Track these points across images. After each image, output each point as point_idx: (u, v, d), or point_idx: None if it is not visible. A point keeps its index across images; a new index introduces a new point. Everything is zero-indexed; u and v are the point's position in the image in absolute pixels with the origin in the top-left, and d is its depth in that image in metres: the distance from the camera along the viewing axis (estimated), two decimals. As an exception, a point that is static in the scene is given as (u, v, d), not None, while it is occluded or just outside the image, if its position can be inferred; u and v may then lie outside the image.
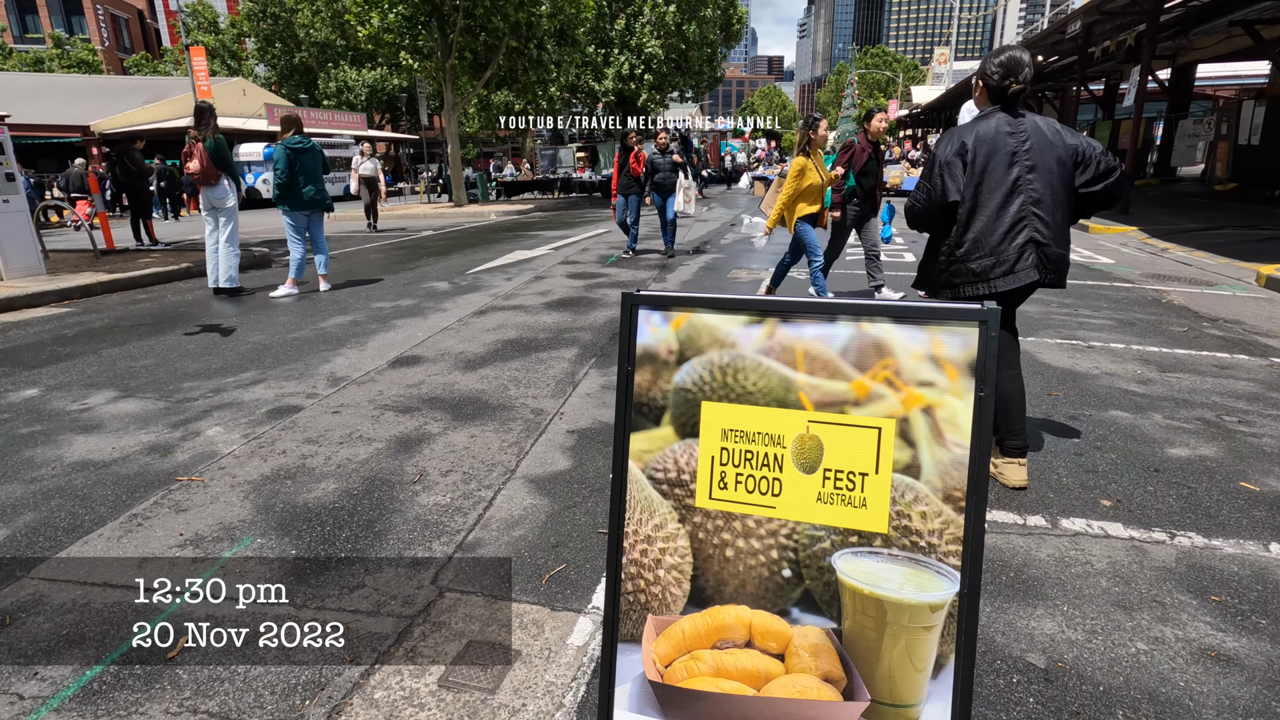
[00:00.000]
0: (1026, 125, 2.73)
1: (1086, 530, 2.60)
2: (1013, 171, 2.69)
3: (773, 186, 6.17)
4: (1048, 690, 1.83)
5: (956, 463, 1.28)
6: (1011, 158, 2.70)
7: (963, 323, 1.28)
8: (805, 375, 1.37)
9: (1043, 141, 2.71)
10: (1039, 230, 2.70)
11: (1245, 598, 2.21)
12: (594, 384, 4.40)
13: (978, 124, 2.76)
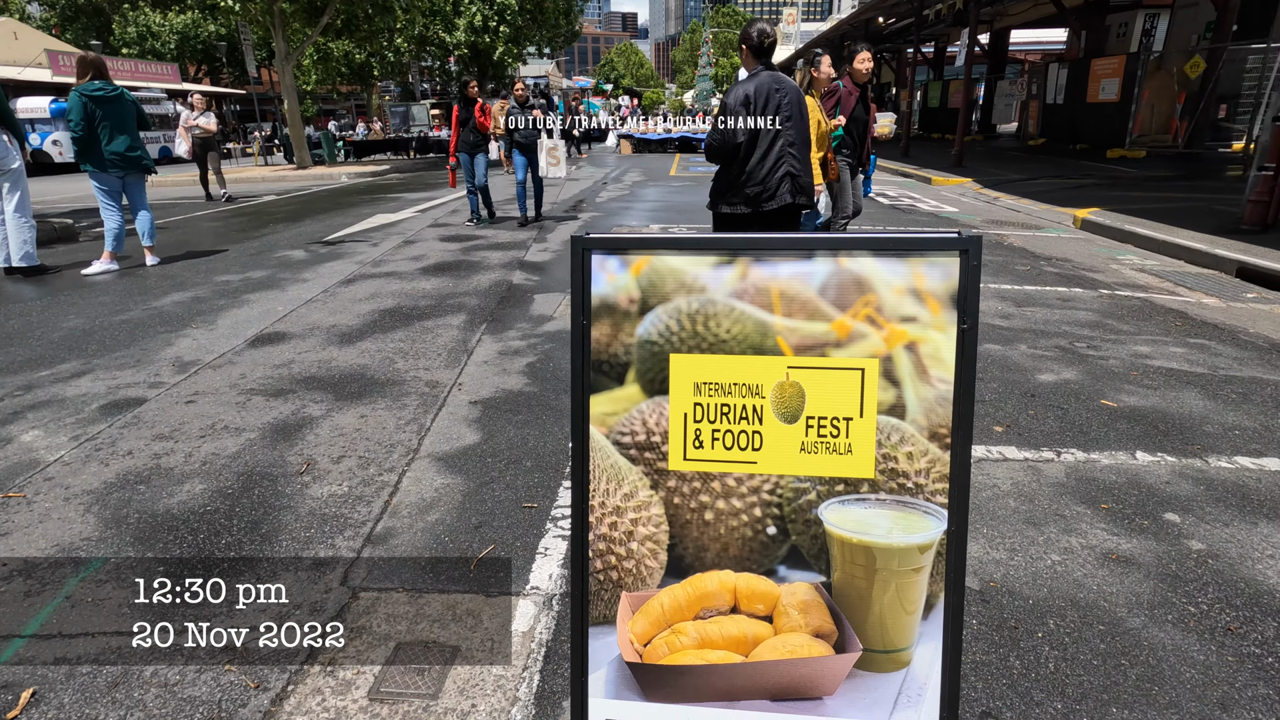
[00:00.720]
0: (786, 83, 3.43)
1: (987, 455, 2.77)
2: (777, 121, 3.39)
3: None
4: (986, 610, 1.92)
5: (941, 399, 1.24)
6: (777, 109, 3.39)
7: (943, 252, 1.22)
8: (783, 318, 1.26)
9: (796, 96, 3.46)
10: (793, 165, 3.48)
11: (1127, 502, 2.44)
12: (490, 351, 4.13)
13: (753, 79, 3.41)
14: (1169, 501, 2.44)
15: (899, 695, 1.29)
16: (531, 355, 4.04)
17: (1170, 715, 1.58)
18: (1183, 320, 4.59)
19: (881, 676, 1.29)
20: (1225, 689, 1.65)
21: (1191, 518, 2.34)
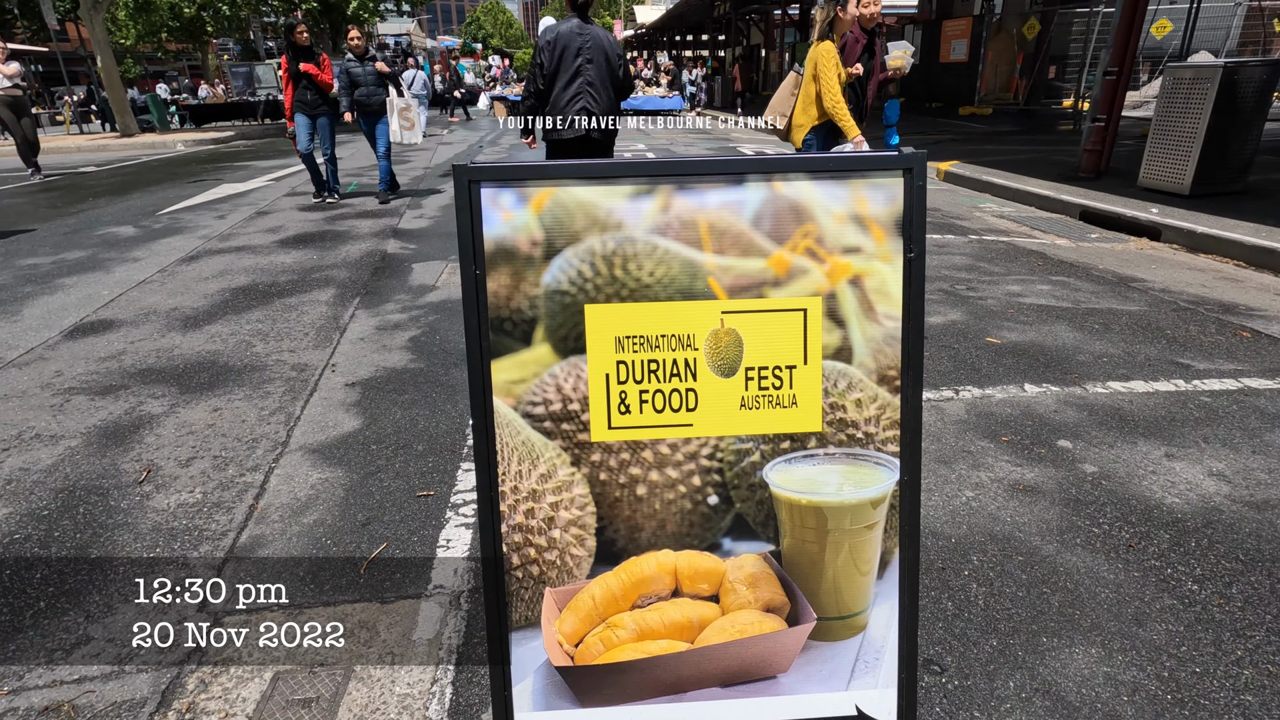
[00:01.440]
0: (590, 30, 4.04)
1: (892, 399, 2.79)
2: (577, 61, 4.02)
3: (785, 82, 4.39)
4: (912, 554, 1.89)
5: (889, 338, 1.12)
6: (578, 51, 4.00)
7: (886, 173, 1.09)
8: (713, 255, 1.09)
9: (598, 44, 4.03)
10: (591, 101, 4.09)
11: (1023, 433, 2.52)
12: (366, 326, 3.72)
13: (561, 25, 4.02)
14: (1059, 429, 2.54)
15: (856, 662, 1.19)
16: (414, 329, 3.68)
17: (1094, 638, 1.61)
18: (1043, 260, 4.91)
19: (837, 645, 1.19)
20: (1137, 604, 1.71)
21: (1081, 442, 2.45)
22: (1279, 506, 2.08)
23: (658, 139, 14.42)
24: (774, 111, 4.46)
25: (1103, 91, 7.53)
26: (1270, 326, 3.60)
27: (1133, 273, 4.62)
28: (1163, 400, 2.77)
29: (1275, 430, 2.53)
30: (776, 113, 4.44)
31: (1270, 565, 1.84)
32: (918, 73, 18.74)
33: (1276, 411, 2.67)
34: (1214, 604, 1.71)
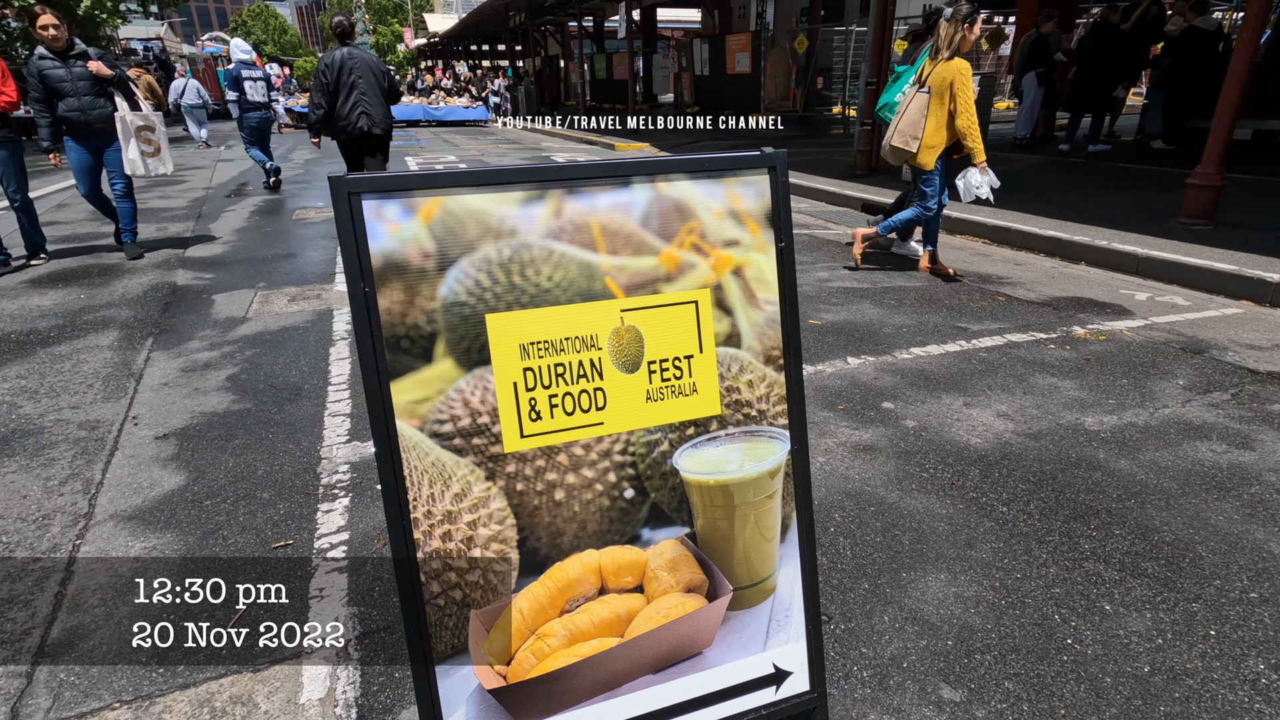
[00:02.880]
0: (357, 54, 5.30)
1: (741, 384, 3.00)
2: (351, 78, 5.26)
3: (914, 104, 4.12)
4: (785, 521, 2.06)
5: (770, 321, 1.22)
6: (350, 71, 5.25)
7: (754, 171, 1.19)
8: (609, 256, 1.12)
9: (364, 64, 5.32)
10: (366, 109, 5.33)
11: (854, 400, 2.84)
12: (168, 370, 3.25)
13: (335, 52, 5.26)
14: (882, 393, 2.90)
15: (770, 623, 1.29)
16: (230, 366, 3.28)
17: (941, 565, 1.87)
18: (840, 249, 5.53)
19: (753, 611, 1.27)
20: (966, 532, 2.01)
21: (900, 402, 2.82)
22: (1050, 434, 2.55)
23: (467, 150, 14.09)
24: (905, 135, 4.20)
25: (866, 99, 8.62)
26: (1016, 290, 4.37)
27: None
28: (953, 359, 3.26)
29: (1035, 374, 3.08)
30: (908, 135, 4.19)
31: (1053, 482, 2.25)
32: (708, 84, 20.15)
33: (1033, 359, 3.26)
34: (1020, 520, 2.06)
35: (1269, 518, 2.06)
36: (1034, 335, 3.56)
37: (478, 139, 16.99)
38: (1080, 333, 3.61)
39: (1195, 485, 2.23)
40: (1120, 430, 2.58)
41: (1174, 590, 1.77)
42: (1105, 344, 3.45)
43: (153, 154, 5.46)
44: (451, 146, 14.89)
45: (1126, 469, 2.32)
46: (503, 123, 22.87)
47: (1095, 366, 3.16)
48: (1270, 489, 2.20)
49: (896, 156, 4.34)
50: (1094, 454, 2.42)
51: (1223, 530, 2.00)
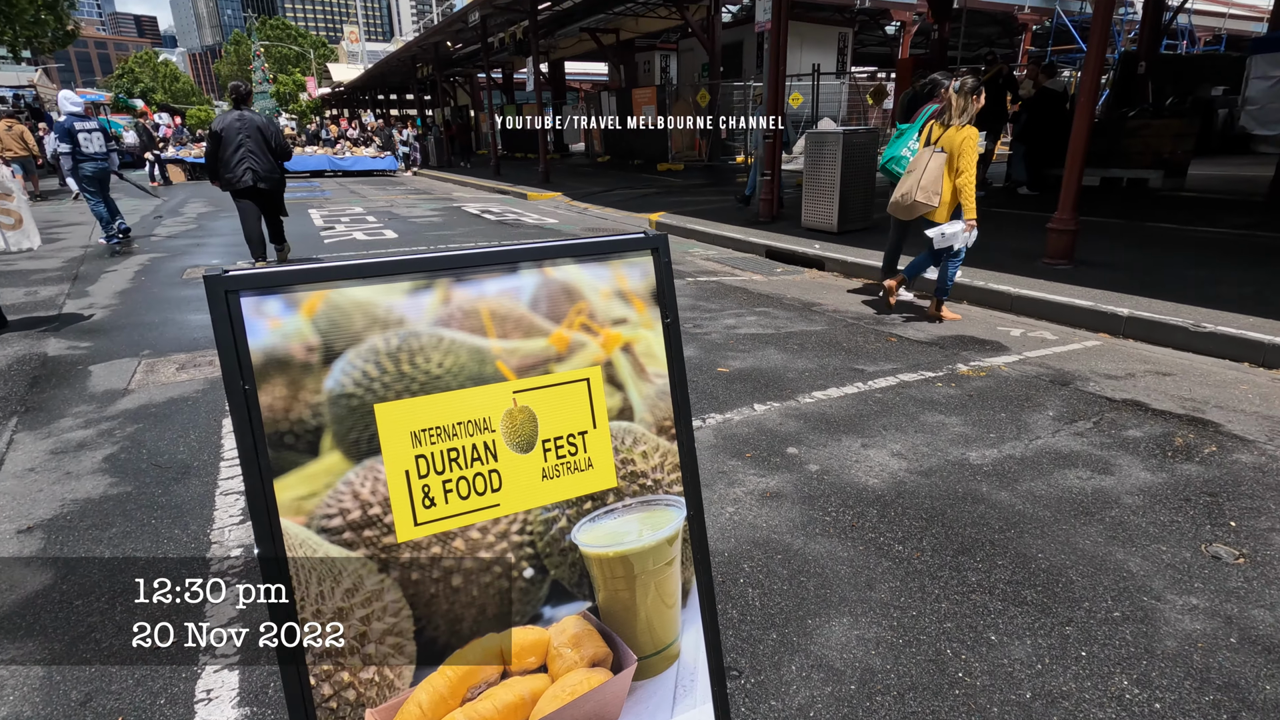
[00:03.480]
0: (247, 115, 6.09)
1: (653, 436, 3.05)
2: (239, 138, 6.02)
3: (934, 164, 4.50)
4: (697, 575, 2.10)
5: (660, 393, 1.28)
6: (239, 131, 6.01)
7: (638, 252, 1.25)
8: (499, 340, 1.15)
9: (253, 125, 6.07)
10: (252, 165, 6.08)
11: (760, 446, 2.95)
12: (35, 453, 2.99)
13: (228, 114, 6.07)
14: (787, 438, 3.02)
15: (676, 689, 1.31)
16: (108, 445, 3.05)
17: (844, 609, 1.95)
18: (746, 294, 5.77)
19: (659, 678, 1.29)
20: (866, 573, 2.11)
21: (804, 446, 2.94)
22: (939, 470, 2.73)
23: (375, 201, 13.84)
24: (927, 191, 4.54)
25: (765, 151, 9.12)
26: (907, 331, 4.68)
27: (812, 298, 5.66)
28: (851, 401, 3.44)
29: (925, 412, 3.30)
30: (930, 192, 4.53)
31: (942, 517, 2.40)
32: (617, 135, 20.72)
33: (923, 397, 3.48)
34: (914, 558, 2.18)
35: (1127, 539, 2.27)
36: (923, 374, 3.81)
37: (386, 189, 16.73)
38: (964, 370, 3.90)
39: (1066, 512, 2.43)
40: (1000, 463, 2.79)
41: (1050, 615, 1.92)
42: (986, 380, 3.74)
43: (12, 226, 4.78)
44: (358, 198, 14.59)
45: (1007, 500, 2.51)
46: (413, 172, 22.65)
47: (977, 402, 3.42)
48: (1128, 510, 2.43)
49: (914, 210, 4.67)
50: (978, 487, 2.60)
51: (1090, 553, 2.19)
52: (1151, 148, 9.84)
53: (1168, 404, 3.41)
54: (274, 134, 6.20)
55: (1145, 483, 2.62)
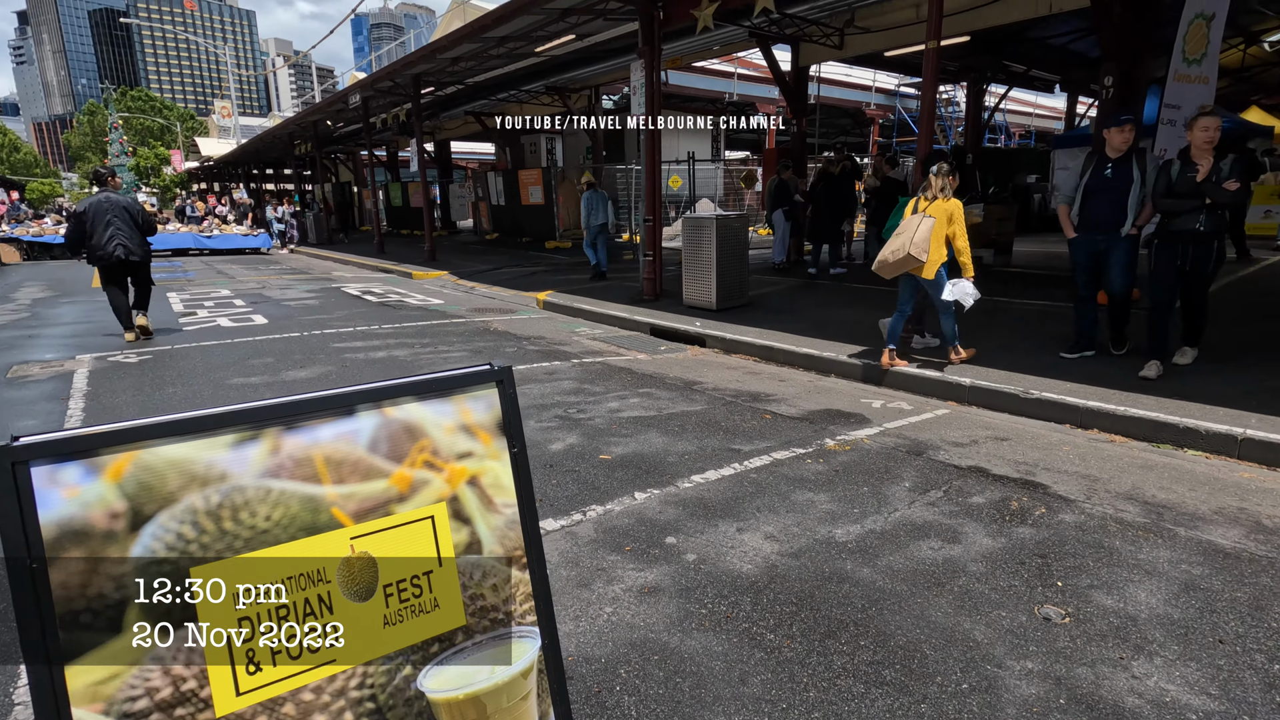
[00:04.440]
0: (112, 197, 6.95)
1: (532, 534, 3.00)
2: (107, 216, 6.83)
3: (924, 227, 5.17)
4: (574, 687, 2.05)
5: (510, 523, 1.28)
6: (108, 212, 6.84)
7: (482, 385, 1.28)
8: (335, 486, 1.12)
9: (118, 204, 6.90)
10: (121, 241, 6.87)
11: (640, 538, 2.97)
12: None
13: (94, 196, 6.86)
14: (666, 528, 3.06)
15: (536, 832, 1.26)
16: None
17: (718, 709, 1.96)
18: (630, 375, 5.89)
19: (517, 824, 1.24)
20: (740, 667, 2.14)
21: (682, 535, 2.99)
22: (808, 551, 2.85)
23: (245, 282, 13.12)
24: (919, 248, 5.18)
25: (646, 233, 9.55)
26: (780, 407, 4.94)
27: (693, 377, 5.86)
28: (728, 483, 3.56)
29: (796, 490, 3.46)
30: (921, 249, 5.18)
31: (811, 600, 2.50)
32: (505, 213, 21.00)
33: (794, 475, 3.66)
34: (785, 646, 2.24)
35: (973, 606, 2.46)
36: (795, 451, 4.02)
37: (259, 269, 15.94)
38: (831, 444, 4.14)
39: (920, 584, 2.60)
40: (863, 538, 2.96)
41: (907, 694, 2.02)
42: (851, 454, 3.99)
43: None
44: (227, 279, 13.79)
45: (868, 577, 2.65)
46: (290, 250, 21.75)
47: (843, 477, 3.63)
48: (973, 578, 2.64)
49: (905, 265, 5.26)
50: (843, 566, 2.74)
51: (941, 625, 2.35)
52: (982, 230, 11.17)
53: (1005, 468, 3.77)
54: (139, 211, 7.13)
55: (987, 549, 2.86)
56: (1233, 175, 4.63)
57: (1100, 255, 5.33)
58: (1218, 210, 4.71)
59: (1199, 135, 4.77)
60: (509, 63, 14.27)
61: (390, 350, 6.84)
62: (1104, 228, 5.22)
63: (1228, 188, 4.60)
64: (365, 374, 5.88)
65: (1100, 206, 5.24)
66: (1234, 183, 4.60)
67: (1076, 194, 5.37)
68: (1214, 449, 4.01)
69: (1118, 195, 5.16)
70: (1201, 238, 4.78)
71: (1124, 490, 3.47)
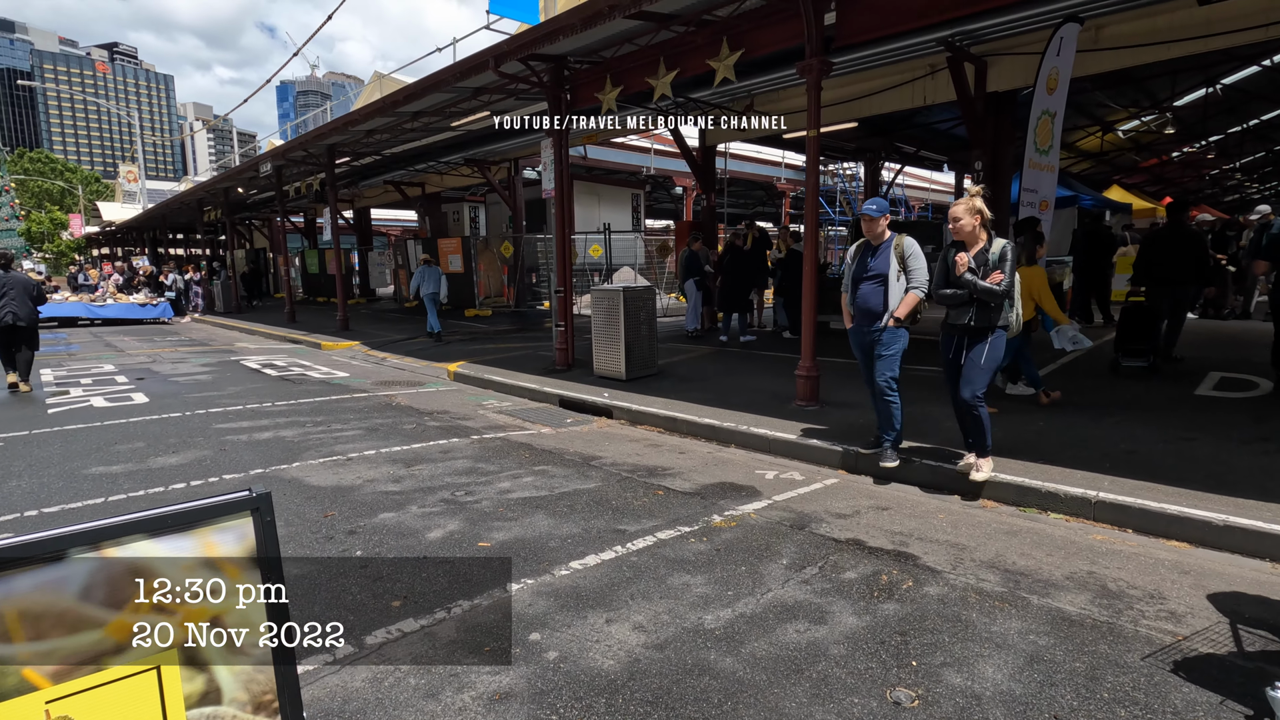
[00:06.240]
0: (13, 274, 8.50)
1: (387, 639, 2.83)
2: (4, 288, 8.30)
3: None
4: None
5: (259, 665, 1.19)
6: (6, 285, 8.35)
7: (233, 516, 1.21)
8: (30, 643, 1.01)
9: (17, 280, 8.47)
10: (13, 309, 8.30)
11: (503, 636, 2.84)
12: None
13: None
14: (533, 623, 2.95)
15: None
16: None
17: (549, 833, 1.85)
18: (530, 451, 5.79)
19: None
20: (581, 781, 2.04)
21: (548, 630, 2.89)
22: (674, 642, 2.80)
23: (134, 355, 12.35)
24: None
25: (557, 304, 9.61)
26: (675, 482, 4.94)
27: (594, 451, 5.81)
28: (607, 569, 3.49)
29: (674, 573, 3.42)
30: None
31: (667, 698, 2.43)
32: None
33: (675, 556, 3.63)
34: (633, 752, 2.16)
35: (828, 694, 2.45)
36: (680, 530, 3.99)
37: (155, 341, 15.08)
38: (718, 521, 4.15)
39: (780, 672, 2.58)
40: (732, 624, 2.93)
41: (749, 799, 1.96)
42: (735, 530, 4.00)
43: None
44: (115, 352, 12.96)
45: (730, 667, 2.61)
46: (193, 319, 20.74)
47: (723, 557, 3.62)
48: (833, 663, 2.64)
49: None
50: (707, 656, 2.69)
51: (794, 717, 2.32)
52: (879, 298, 11.76)
53: (881, 539, 3.85)
54: (34, 286, 8.72)
55: (851, 629, 2.88)
56: (1001, 265, 4.27)
57: (870, 348, 5.00)
58: (989, 303, 4.33)
59: (952, 225, 4.48)
60: (425, 136, 14.41)
61: (278, 431, 6.51)
62: (869, 319, 4.93)
63: (992, 281, 4.26)
64: (244, 458, 5.55)
65: (864, 297, 4.93)
66: (999, 274, 4.25)
67: (847, 283, 5.07)
68: (1073, 512, 4.24)
69: (879, 285, 4.84)
70: (973, 332, 4.43)
71: (988, 558, 3.60)
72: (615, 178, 21.74)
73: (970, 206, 4.42)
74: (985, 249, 4.41)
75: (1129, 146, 19.65)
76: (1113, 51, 8.38)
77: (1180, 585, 3.28)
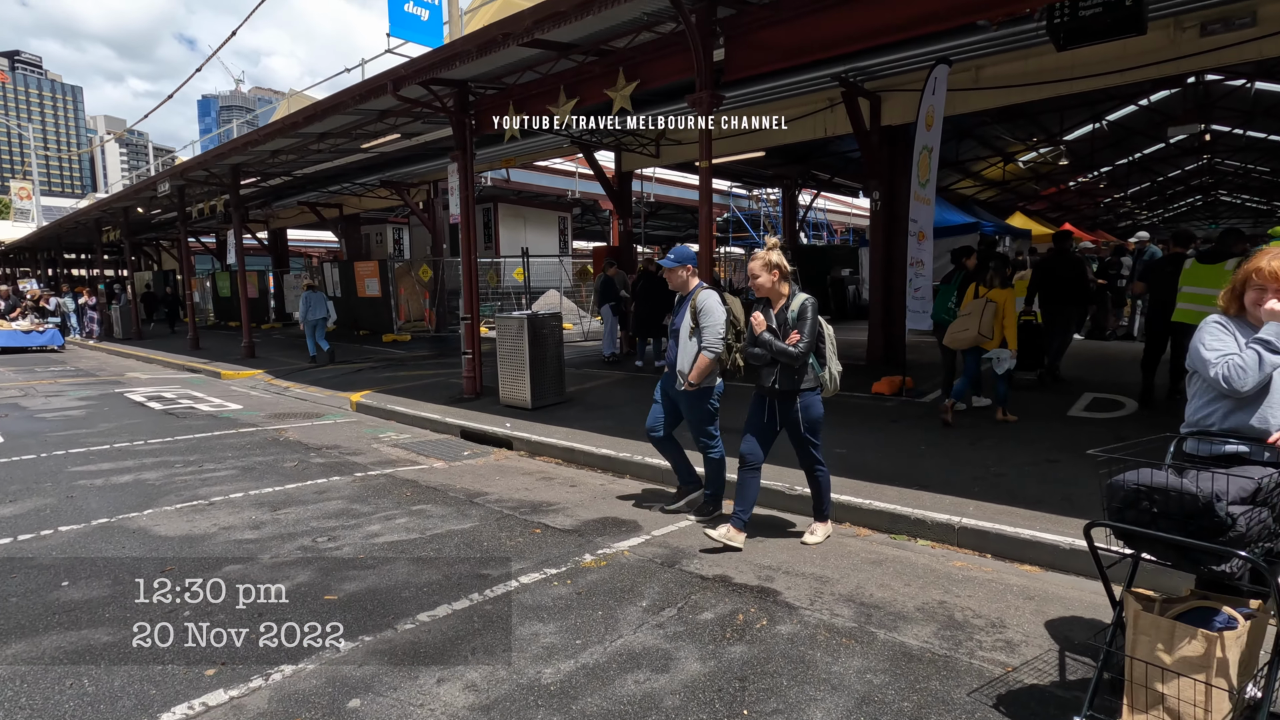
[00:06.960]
0: None
1: (189, 714, 2.59)
2: None
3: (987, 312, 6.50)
4: None
5: None
6: None
7: None
8: None
9: None
10: None
11: (321, 705, 2.64)
12: None
13: None
14: (356, 688, 2.76)
15: None
16: None
17: None
18: (413, 489, 5.56)
19: None
20: None
21: (370, 695, 2.70)
22: (504, 701, 2.65)
23: (3, 390, 11.38)
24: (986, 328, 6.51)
25: (465, 331, 9.39)
26: (557, 519, 4.81)
27: (481, 487, 5.63)
28: (457, 620, 3.32)
29: (526, 622, 3.29)
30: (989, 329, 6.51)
31: (479, 768, 2.29)
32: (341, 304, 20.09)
33: (533, 603, 3.49)
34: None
35: (651, 753, 2.36)
36: (546, 573, 3.86)
37: (34, 371, 13.99)
38: (588, 561, 4.04)
39: (607, 730, 2.47)
40: (571, 677, 2.81)
41: None
42: (603, 570, 3.90)
43: None
44: (-17, 385, 11.91)
45: (556, 728, 2.49)
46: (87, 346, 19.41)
47: (584, 601, 3.51)
48: (665, 715, 2.56)
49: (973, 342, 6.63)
50: (532, 717, 2.56)
51: (609, 782, 2.21)
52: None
53: (748, 574, 3.82)
54: None
55: (692, 676, 2.81)
56: (799, 324, 3.92)
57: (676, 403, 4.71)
58: (792, 367, 3.95)
59: (751, 282, 4.10)
60: (337, 157, 14.00)
61: (141, 473, 6.05)
62: (675, 374, 4.61)
63: (789, 342, 3.91)
64: (91, 505, 5.12)
65: (671, 349, 4.67)
66: (795, 334, 3.91)
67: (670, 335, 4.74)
68: (939, 538, 4.33)
69: (678, 341, 4.56)
70: (781, 395, 4.04)
71: (848, 591, 3.61)
72: (542, 201, 21.68)
73: (766, 262, 3.99)
74: (786, 306, 4.03)
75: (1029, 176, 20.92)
76: (991, 91, 8.88)
77: (1022, 612, 3.36)
